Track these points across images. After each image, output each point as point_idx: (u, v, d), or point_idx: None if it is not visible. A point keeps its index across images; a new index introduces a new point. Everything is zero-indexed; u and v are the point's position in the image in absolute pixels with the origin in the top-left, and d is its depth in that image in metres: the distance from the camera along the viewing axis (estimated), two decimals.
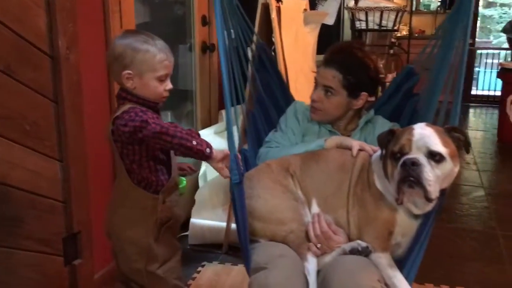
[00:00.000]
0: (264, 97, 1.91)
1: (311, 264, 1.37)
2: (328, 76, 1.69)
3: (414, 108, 1.78)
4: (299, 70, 2.60)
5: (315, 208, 1.47)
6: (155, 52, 1.46)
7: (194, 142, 1.40)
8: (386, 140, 1.37)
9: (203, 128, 3.15)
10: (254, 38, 1.97)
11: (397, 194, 1.29)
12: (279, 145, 1.72)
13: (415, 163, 1.24)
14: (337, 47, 1.78)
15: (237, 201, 1.38)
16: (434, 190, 1.25)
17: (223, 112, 3.65)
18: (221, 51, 1.33)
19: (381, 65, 4.31)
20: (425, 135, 1.28)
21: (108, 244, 2.24)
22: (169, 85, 1.52)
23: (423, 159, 1.25)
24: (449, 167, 1.28)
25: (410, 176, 1.24)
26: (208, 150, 1.42)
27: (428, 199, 1.26)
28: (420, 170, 1.24)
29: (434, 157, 1.25)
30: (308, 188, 1.49)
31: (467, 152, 1.35)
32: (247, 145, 1.82)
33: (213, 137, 3.20)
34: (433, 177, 1.25)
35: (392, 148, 1.33)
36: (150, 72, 1.47)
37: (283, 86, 2.02)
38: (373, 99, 1.77)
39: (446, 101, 1.46)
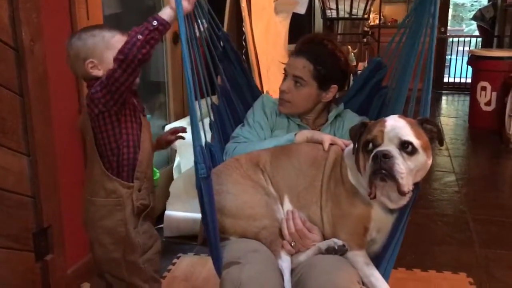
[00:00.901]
0: (229, 90, 1.84)
1: (285, 262, 1.33)
2: (298, 66, 1.66)
3: (382, 101, 1.75)
4: (270, 60, 2.60)
5: (288, 205, 1.42)
6: (102, 33, 1.50)
7: (151, 27, 1.35)
8: (358, 133, 1.33)
9: (176, 119, 3.12)
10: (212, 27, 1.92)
11: (369, 188, 1.26)
12: (247, 140, 1.67)
13: (386, 155, 1.20)
14: (308, 38, 1.76)
15: (205, 196, 1.31)
16: (406, 183, 1.21)
17: (197, 103, 3.63)
18: (183, 42, 1.30)
19: (353, 54, 4.34)
20: (397, 126, 1.25)
21: (81, 238, 2.22)
22: None
23: (395, 151, 1.22)
24: (422, 159, 1.25)
25: (382, 169, 1.21)
26: (163, 20, 1.36)
27: (401, 193, 1.22)
28: (392, 162, 1.20)
29: (406, 148, 1.22)
30: (280, 184, 1.44)
31: (441, 144, 1.32)
32: (211, 139, 1.75)
33: (187, 128, 3.18)
34: (406, 169, 1.21)
35: (364, 140, 1.29)
36: (106, 50, 1.48)
37: (249, 79, 1.95)
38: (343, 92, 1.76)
39: (416, 89, 1.44)
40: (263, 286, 1.23)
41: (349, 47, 4.50)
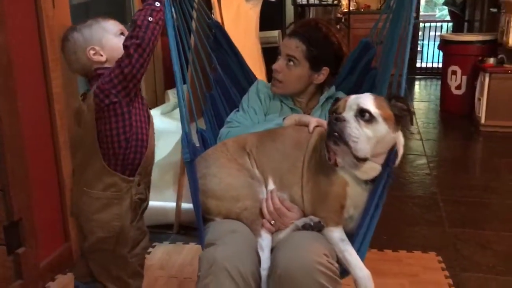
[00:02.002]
0: (223, 77, 1.88)
1: (265, 240, 1.38)
2: (291, 45, 1.70)
3: (373, 82, 1.79)
4: (241, 47, 2.59)
5: (271, 187, 1.46)
6: (97, 21, 1.49)
7: (157, 8, 1.36)
8: (332, 108, 1.39)
9: (149, 109, 3.11)
10: (195, 14, 1.91)
11: (327, 153, 1.32)
12: (240, 125, 1.70)
13: (338, 119, 1.27)
14: (303, 21, 1.82)
15: (189, 179, 1.38)
16: (360, 148, 1.26)
17: (170, 92, 3.61)
18: (169, 29, 1.33)
19: None
20: (360, 97, 1.32)
21: (53, 230, 2.21)
22: None
23: (349, 117, 1.28)
24: (382, 129, 1.29)
25: (334, 132, 1.27)
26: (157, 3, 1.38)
27: (356, 158, 1.27)
28: (343, 125, 1.26)
29: (363, 116, 1.27)
30: (265, 166, 1.48)
31: (411, 123, 1.35)
32: (204, 126, 1.79)
33: (160, 117, 3.18)
34: (360, 134, 1.26)
35: (330, 111, 1.36)
36: (105, 33, 1.48)
37: (243, 65, 1.98)
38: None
39: (397, 74, 1.47)
40: (237, 264, 1.27)
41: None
